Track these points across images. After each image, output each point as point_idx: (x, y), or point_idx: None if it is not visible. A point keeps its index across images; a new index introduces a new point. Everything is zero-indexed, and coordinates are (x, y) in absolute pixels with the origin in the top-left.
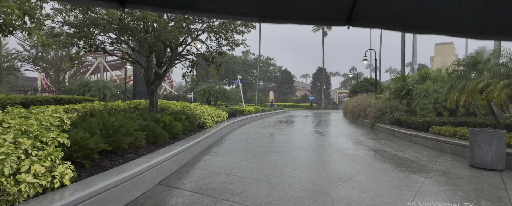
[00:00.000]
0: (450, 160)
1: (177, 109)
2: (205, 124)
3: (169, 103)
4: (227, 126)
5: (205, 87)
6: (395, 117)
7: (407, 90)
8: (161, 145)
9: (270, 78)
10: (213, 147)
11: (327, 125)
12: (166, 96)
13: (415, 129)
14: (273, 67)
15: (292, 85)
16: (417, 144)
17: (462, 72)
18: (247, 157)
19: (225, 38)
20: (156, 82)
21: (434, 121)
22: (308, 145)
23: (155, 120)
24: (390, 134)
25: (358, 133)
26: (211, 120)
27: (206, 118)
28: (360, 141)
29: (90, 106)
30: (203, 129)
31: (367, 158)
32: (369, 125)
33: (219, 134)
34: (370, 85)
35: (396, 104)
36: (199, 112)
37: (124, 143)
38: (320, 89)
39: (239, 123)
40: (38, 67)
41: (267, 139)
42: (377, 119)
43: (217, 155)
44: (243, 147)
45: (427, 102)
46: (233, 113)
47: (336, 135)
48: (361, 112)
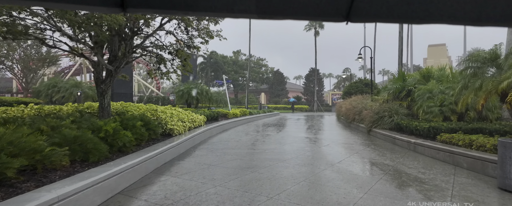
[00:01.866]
0: (471, 179)
1: (137, 114)
2: (173, 131)
3: (132, 106)
4: (203, 133)
5: (184, 87)
6: (395, 122)
7: (408, 91)
8: (93, 164)
9: (262, 79)
10: (175, 162)
11: (318, 130)
12: (150, 98)
13: (419, 136)
14: (265, 68)
15: (284, 87)
16: (423, 154)
17: (475, 69)
18: (213, 177)
19: (197, 29)
20: (108, 81)
21: (441, 127)
22: (295, 157)
23: (95, 129)
24: (390, 142)
25: (353, 140)
26: (182, 126)
27: (174, 124)
28: (356, 150)
29: (16, 110)
30: (169, 138)
31: (367, 177)
32: (365, 130)
33: (189, 143)
34: (365, 86)
35: (396, 106)
36: (165, 117)
37: (9, 168)
38: (313, 90)
39: (220, 128)
40: (2, 66)
41: (247, 149)
42: (374, 123)
43: (174, 174)
44: (213, 160)
45: (432, 105)
46: (214, 117)
47: (328, 143)
48: (356, 116)
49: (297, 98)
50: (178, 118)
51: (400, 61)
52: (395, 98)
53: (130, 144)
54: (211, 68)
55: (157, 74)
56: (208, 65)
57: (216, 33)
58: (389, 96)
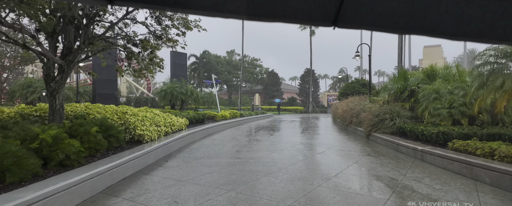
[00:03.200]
0: (501, 200)
1: (100, 117)
2: (143, 137)
3: (97, 108)
4: (183, 139)
5: (167, 87)
6: (397, 126)
7: (410, 92)
8: (13, 186)
9: (256, 80)
10: (138, 177)
11: (313, 134)
12: (139, 100)
13: (426, 143)
14: (260, 68)
15: (279, 88)
16: (433, 165)
17: (494, 65)
18: (175, 199)
19: (170, 18)
20: (59, 78)
21: (453, 132)
22: (284, 168)
23: (28, 138)
24: (393, 148)
25: (351, 146)
26: (156, 132)
27: (145, 129)
28: (355, 159)
29: None
30: (139, 145)
31: (371, 198)
32: (364, 135)
33: (162, 152)
34: (362, 86)
35: (397, 108)
36: (134, 121)
37: None
38: (308, 91)
39: (204, 132)
40: None
41: (230, 158)
42: (373, 127)
43: (128, 196)
44: (185, 174)
45: (440, 107)
46: (200, 119)
47: (323, 150)
48: (354, 118)
49: (292, 99)
50: (152, 121)
51: (400, 60)
52: (396, 99)
53: (77, 156)
54: (204, 68)
55: (129, 71)
56: (200, 65)
57: (194, 23)
58: (390, 96)
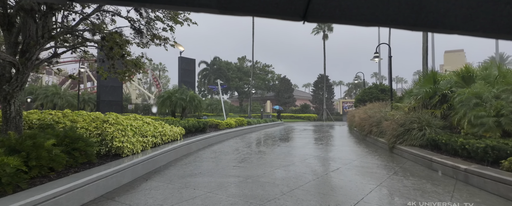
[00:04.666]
0: None
1: (69, 126)
2: (121, 150)
3: (74, 116)
4: (174, 151)
5: (165, 93)
6: (427, 137)
7: (441, 96)
8: None
9: (268, 86)
10: (97, 204)
11: (326, 145)
12: (147, 107)
13: (468, 159)
14: (271, 74)
15: (291, 94)
16: (484, 190)
17: None
18: None
19: (152, 10)
20: (14, 80)
21: (506, 148)
22: (287, 193)
23: None
24: (424, 165)
25: (372, 161)
26: (140, 143)
27: (125, 140)
28: (380, 180)
29: None
30: (116, 160)
31: None
32: (387, 147)
33: (145, 167)
34: (380, 92)
35: (426, 116)
36: (113, 131)
37: None
38: (322, 98)
39: (203, 143)
40: None
41: (222, 177)
42: (398, 138)
43: None
44: (157, 202)
45: (484, 114)
46: (200, 128)
47: (338, 166)
48: (373, 127)
49: (304, 106)
50: (139, 131)
51: (425, 61)
52: (424, 105)
53: (14, 178)
54: (214, 75)
55: (110, 73)
56: (211, 72)
57: (183, 16)
58: (416, 102)
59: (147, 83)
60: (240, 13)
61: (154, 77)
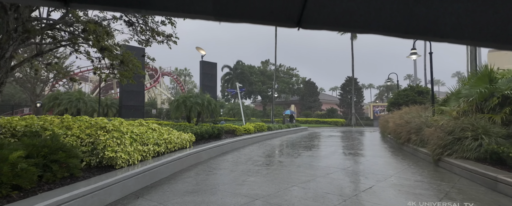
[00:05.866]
0: None
1: (56, 133)
2: (115, 161)
3: (71, 122)
4: (180, 160)
5: (180, 98)
6: (486, 148)
7: (502, 98)
8: None
9: (292, 90)
10: None
11: (355, 156)
12: (168, 109)
13: None
14: (296, 78)
15: (317, 98)
16: None
17: None
18: None
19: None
20: None
21: None
22: None
23: None
24: (485, 185)
25: (414, 178)
26: (138, 153)
27: (120, 150)
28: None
29: None
30: (108, 172)
31: None
32: (431, 159)
33: (135, 183)
34: (417, 94)
35: (482, 123)
36: (106, 139)
37: None
38: (350, 101)
39: (215, 151)
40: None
41: (224, 197)
42: (445, 149)
43: None
44: None
45: None
46: (215, 134)
47: (371, 184)
48: (412, 135)
49: (331, 110)
50: (139, 138)
51: (474, 57)
52: (477, 109)
53: None
54: (237, 79)
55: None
56: (233, 76)
57: None
58: (468, 105)
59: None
60: (236, 20)
61: (178, 81)
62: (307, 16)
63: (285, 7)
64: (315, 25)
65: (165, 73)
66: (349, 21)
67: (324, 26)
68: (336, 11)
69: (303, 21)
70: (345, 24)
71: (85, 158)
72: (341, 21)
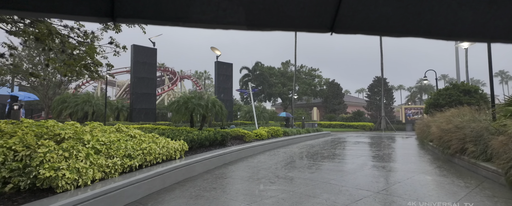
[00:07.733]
0: None
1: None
2: (55, 182)
3: (23, 127)
4: (159, 177)
5: (180, 99)
6: None
7: None
8: None
9: (315, 92)
10: None
11: (390, 171)
12: None
13: None
14: (318, 79)
15: (341, 100)
16: None
17: None
18: None
19: None
20: None
21: None
22: None
23: None
24: None
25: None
26: (94, 169)
27: (64, 166)
28: None
29: None
30: (47, 197)
31: None
32: (503, 180)
33: None
34: (463, 94)
35: None
36: (46, 152)
37: None
38: (379, 104)
39: (213, 162)
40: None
41: None
42: None
43: None
44: None
45: None
46: (217, 140)
47: None
48: (468, 144)
49: (358, 113)
50: (105, 149)
51: None
52: None
53: None
54: (256, 81)
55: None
56: (252, 78)
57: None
58: None
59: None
60: (268, 29)
61: (197, 84)
62: (341, 22)
63: (318, 14)
64: (349, 29)
65: (185, 77)
66: (385, 26)
67: (359, 31)
68: (371, 16)
69: (336, 27)
70: (381, 28)
71: (13, 179)
72: (376, 26)
